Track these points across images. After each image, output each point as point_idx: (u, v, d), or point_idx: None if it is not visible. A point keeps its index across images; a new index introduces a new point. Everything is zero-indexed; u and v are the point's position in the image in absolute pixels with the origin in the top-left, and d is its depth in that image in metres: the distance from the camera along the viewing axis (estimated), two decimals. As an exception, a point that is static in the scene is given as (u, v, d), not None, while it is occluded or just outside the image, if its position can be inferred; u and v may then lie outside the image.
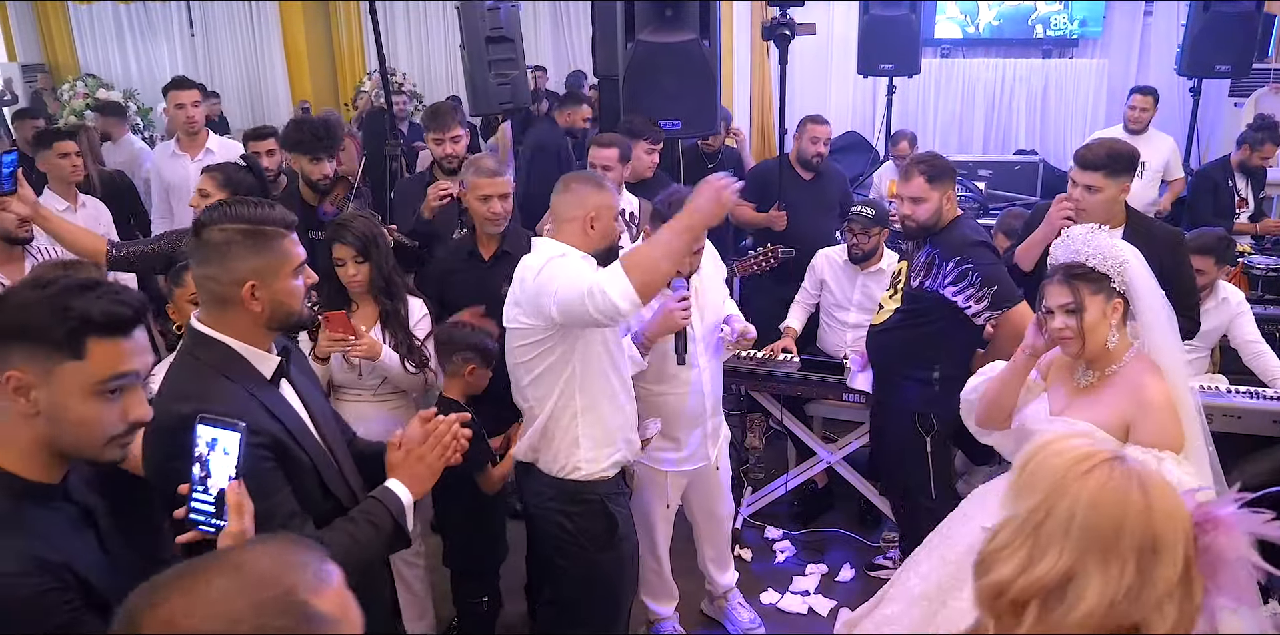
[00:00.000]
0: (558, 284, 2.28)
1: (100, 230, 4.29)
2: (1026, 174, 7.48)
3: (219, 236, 1.70)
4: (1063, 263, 2.33)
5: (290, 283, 1.75)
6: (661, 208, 2.71)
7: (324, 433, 1.89)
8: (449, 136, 3.84)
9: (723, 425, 3.11)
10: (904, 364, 3.23)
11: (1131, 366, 2.29)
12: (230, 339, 1.74)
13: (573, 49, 10.21)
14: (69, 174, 4.22)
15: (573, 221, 2.48)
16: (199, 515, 1.51)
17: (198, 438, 1.51)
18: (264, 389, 1.75)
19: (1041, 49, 8.62)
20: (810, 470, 4.05)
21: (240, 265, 1.69)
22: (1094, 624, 1.09)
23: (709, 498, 3.12)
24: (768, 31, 4.34)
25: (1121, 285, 2.27)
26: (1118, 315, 2.27)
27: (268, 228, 1.72)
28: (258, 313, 1.72)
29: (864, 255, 4.00)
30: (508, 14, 5.59)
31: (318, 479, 1.80)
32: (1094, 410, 2.29)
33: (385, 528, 1.78)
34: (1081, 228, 2.35)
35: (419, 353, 2.91)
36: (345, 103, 11.02)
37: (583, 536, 2.53)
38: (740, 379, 3.81)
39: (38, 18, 12.41)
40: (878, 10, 6.97)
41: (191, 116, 4.59)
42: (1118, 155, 3.00)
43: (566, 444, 2.50)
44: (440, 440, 1.84)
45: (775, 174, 4.76)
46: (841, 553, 3.91)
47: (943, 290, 3.06)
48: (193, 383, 1.70)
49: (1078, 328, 2.26)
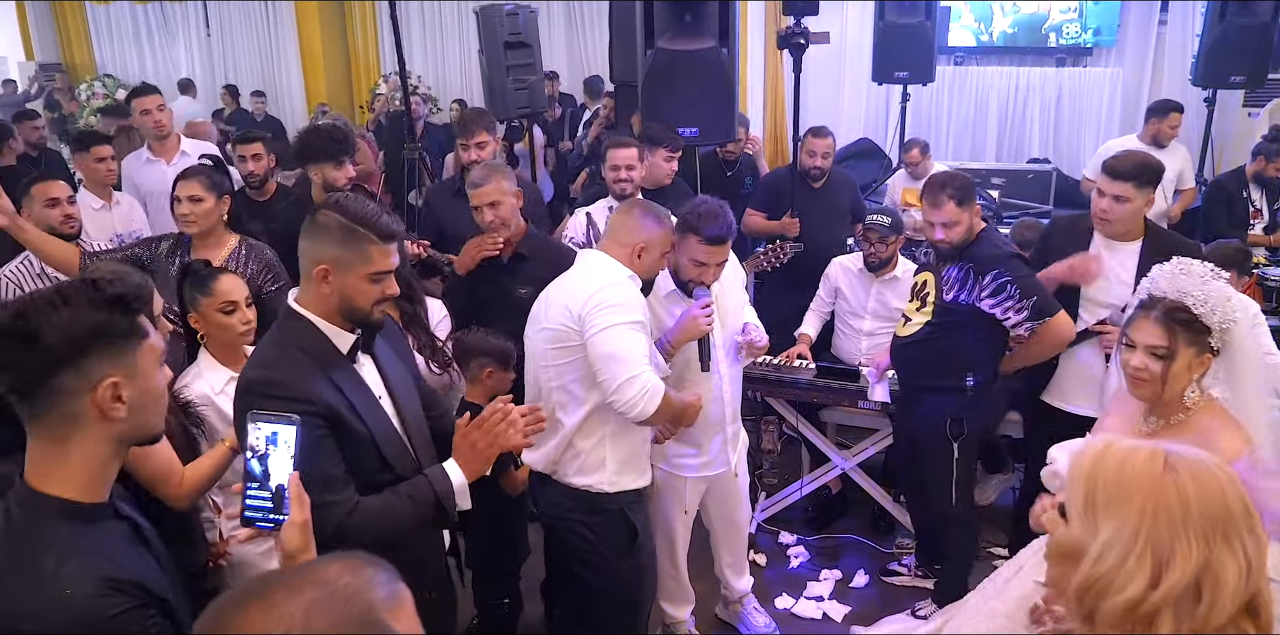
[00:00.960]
0: (617, 337, 2.39)
1: (134, 227, 4.38)
2: (1040, 183, 7.48)
3: (323, 219, 1.87)
4: (1166, 299, 2.10)
5: (362, 284, 1.87)
6: (689, 218, 2.74)
7: (401, 409, 2.02)
8: (474, 142, 3.87)
9: (742, 431, 3.14)
10: (934, 374, 3.26)
11: (1203, 417, 2.10)
12: (312, 315, 1.90)
13: (588, 52, 10.24)
14: (104, 177, 4.31)
15: (624, 246, 2.55)
16: (255, 512, 1.55)
17: (250, 433, 1.54)
18: (335, 363, 1.89)
19: (1055, 57, 8.62)
20: (825, 476, 4.08)
21: (323, 249, 1.86)
22: (1236, 607, 1.08)
23: (727, 504, 3.15)
24: (783, 40, 4.36)
25: (1219, 343, 2.09)
26: (1202, 370, 2.10)
27: (361, 229, 1.85)
28: (327, 295, 1.87)
29: (880, 263, 4.02)
30: (526, 19, 5.63)
31: (375, 451, 1.90)
32: None
33: (424, 503, 1.88)
34: (1200, 266, 2.13)
35: (441, 353, 2.96)
36: (360, 105, 11.07)
37: (604, 545, 2.56)
38: (756, 385, 3.83)
39: (55, 17, 12.50)
40: (893, 18, 6.99)
41: (159, 121, 4.64)
42: (1146, 167, 3.05)
43: (592, 463, 2.53)
44: (493, 429, 1.91)
45: (786, 182, 4.78)
46: (855, 559, 3.93)
47: (979, 303, 3.09)
48: (270, 353, 1.90)
49: (1160, 374, 2.08)
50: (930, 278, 3.30)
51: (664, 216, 2.62)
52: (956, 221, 3.11)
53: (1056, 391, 3.25)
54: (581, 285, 2.48)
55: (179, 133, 4.88)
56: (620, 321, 2.39)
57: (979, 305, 3.10)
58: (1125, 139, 5.78)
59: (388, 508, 1.85)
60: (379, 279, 1.88)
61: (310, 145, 3.72)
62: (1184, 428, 2.10)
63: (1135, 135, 5.68)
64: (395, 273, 2.85)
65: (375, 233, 1.85)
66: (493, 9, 5.54)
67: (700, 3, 4.31)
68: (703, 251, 2.69)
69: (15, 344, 1.29)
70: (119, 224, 4.32)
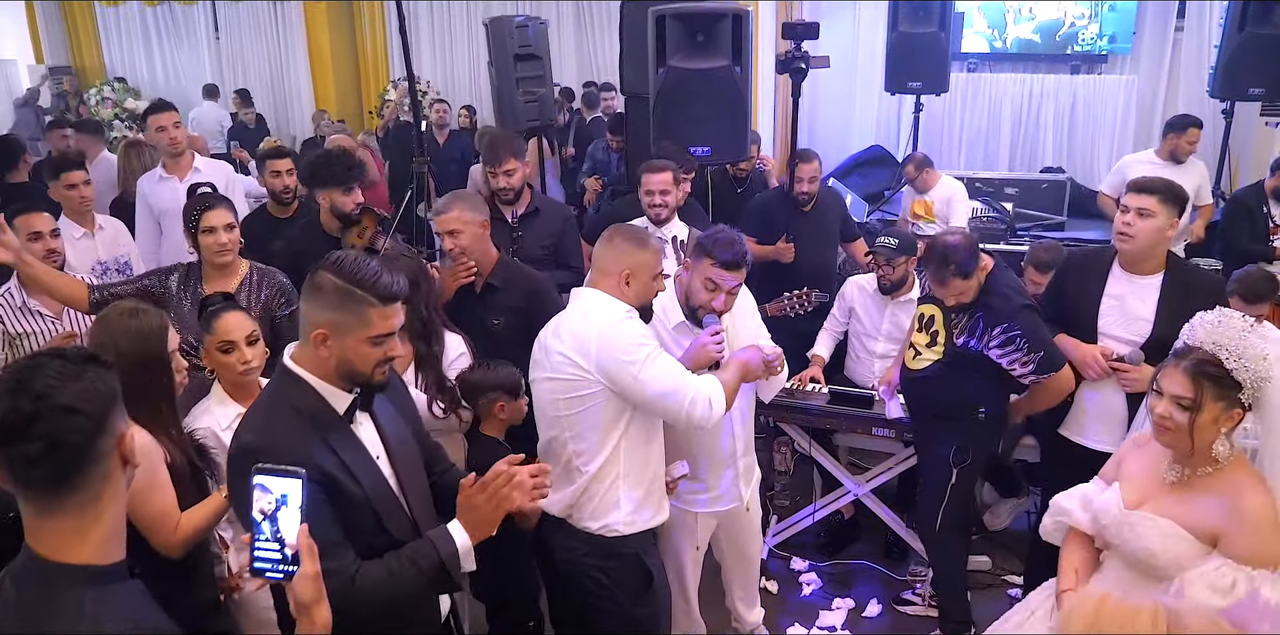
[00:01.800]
0: (653, 374, 2.38)
1: (120, 250, 4.28)
2: (1054, 192, 7.41)
3: (320, 280, 1.81)
4: (1198, 349, 2.06)
5: (362, 347, 1.82)
6: (705, 242, 2.70)
7: (399, 470, 1.95)
8: (502, 170, 3.80)
9: (754, 465, 3.09)
10: (945, 408, 3.26)
11: (1231, 472, 2.06)
12: (308, 375, 1.85)
13: (597, 60, 10.20)
14: (78, 204, 4.13)
15: (609, 277, 2.49)
16: (264, 563, 1.53)
17: (256, 487, 1.52)
18: (331, 424, 1.84)
19: (1070, 64, 8.55)
20: (838, 502, 4.03)
21: (320, 313, 1.81)
22: None
23: (739, 539, 3.11)
24: (782, 65, 4.28)
25: (1250, 400, 2.03)
26: (1231, 425, 2.05)
27: (359, 291, 1.78)
28: (325, 358, 1.82)
29: (893, 285, 3.97)
30: (536, 31, 5.59)
31: (372, 514, 1.84)
32: (1180, 509, 2.07)
33: (428, 568, 1.81)
34: (1238, 319, 2.08)
35: (450, 393, 2.89)
36: (370, 109, 11.05)
37: (619, 590, 2.52)
38: (768, 410, 3.78)
39: (65, 20, 12.50)
40: (906, 27, 6.93)
41: (174, 138, 4.58)
42: (1175, 187, 3.01)
43: (606, 505, 2.49)
44: (498, 492, 1.85)
45: (775, 206, 4.71)
46: (868, 586, 3.89)
47: (988, 352, 3.10)
48: (263, 415, 1.85)
49: (1185, 425, 2.04)
50: (938, 313, 3.26)
51: (645, 238, 2.57)
52: (964, 291, 3.15)
53: (1074, 426, 3.21)
54: (582, 330, 2.42)
55: (193, 151, 4.83)
56: (641, 358, 2.37)
57: (987, 353, 3.11)
58: (1143, 154, 5.71)
59: (391, 574, 1.79)
60: (380, 342, 1.82)
61: (319, 170, 3.68)
62: (1209, 482, 2.07)
63: (1154, 150, 5.60)
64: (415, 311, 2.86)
65: (375, 295, 1.79)
66: (502, 21, 5.50)
67: (713, 22, 4.26)
68: (716, 275, 2.67)
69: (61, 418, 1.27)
70: (103, 250, 4.20)
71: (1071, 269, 3.29)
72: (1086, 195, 7.72)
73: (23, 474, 1.27)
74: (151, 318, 2.24)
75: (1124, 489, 2.21)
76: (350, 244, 3.66)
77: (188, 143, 4.81)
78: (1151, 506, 2.13)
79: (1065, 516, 2.35)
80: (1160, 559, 2.04)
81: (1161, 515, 2.08)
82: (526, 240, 3.84)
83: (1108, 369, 3.05)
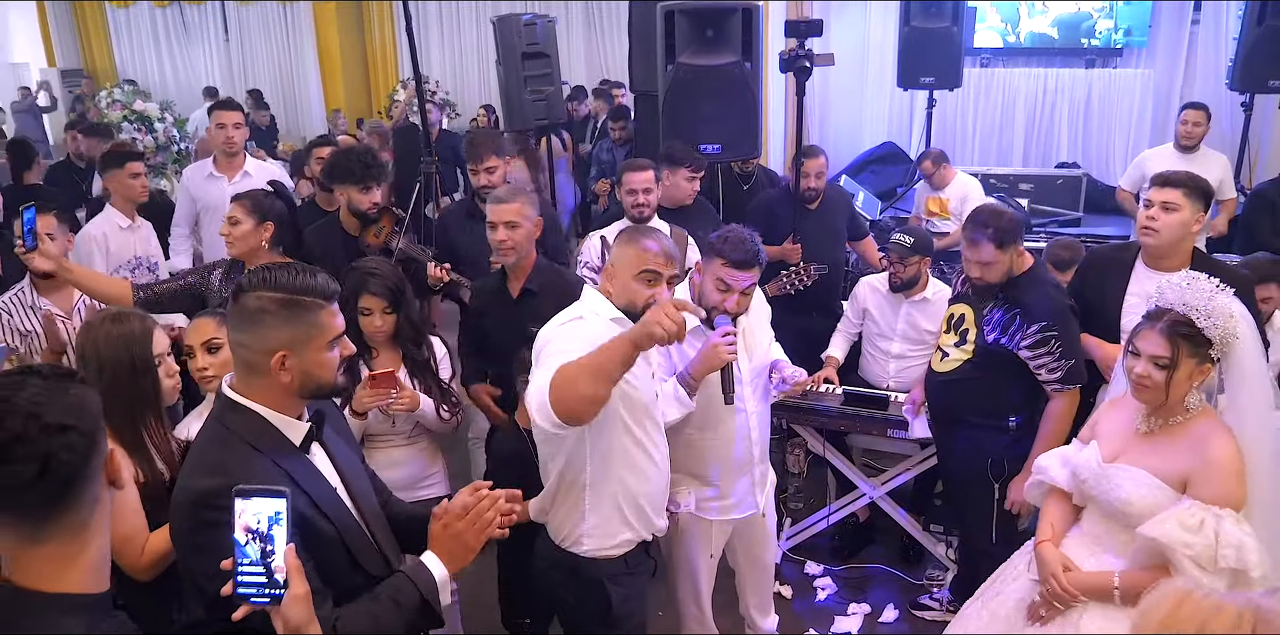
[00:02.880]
0: (540, 366, 2.14)
1: (151, 250, 4.32)
2: (1070, 188, 7.30)
3: (254, 303, 1.65)
4: (1172, 311, 2.18)
5: (323, 355, 1.70)
6: (716, 242, 2.64)
7: (357, 499, 1.83)
8: (483, 168, 3.79)
9: (769, 471, 3.03)
10: (974, 413, 3.17)
11: (1199, 420, 2.21)
12: (259, 406, 1.69)
13: (607, 58, 10.15)
14: (137, 194, 4.20)
15: (606, 276, 2.44)
16: (249, 588, 1.47)
17: (238, 511, 1.47)
18: (292, 457, 1.70)
19: (1085, 58, 8.44)
20: (853, 505, 3.97)
21: (272, 334, 1.65)
22: None
23: (754, 546, 3.04)
24: (785, 64, 4.19)
25: (1219, 355, 2.17)
26: (1202, 379, 2.20)
27: (305, 298, 1.67)
28: (286, 383, 1.68)
29: (903, 284, 3.89)
30: (544, 29, 5.53)
31: (345, 552, 1.72)
32: (1153, 459, 2.22)
33: (410, 606, 1.69)
34: (1204, 280, 2.20)
35: (450, 396, 2.88)
36: (379, 110, 11.03)
37: (581, 609, 2.44)
38: (782, 412, 3.72)
39: (76, 22, 12.53)
40: (919, 22, 6.85)
41: (231, 137, 4.57)
42: (1199, 180, 2.95)
43: (572, 516, 2.37)
44: (481, 517, 1.73)
45: (779, 205, 4.62)
46: (884, 591, 3.83)
47: (1018, 350, 3.01)
48: (216, 454, 1.66)
49: (1162, 382, 2.17)
50: (969, 312, 3.18)
51: (637, 237, 2.41)
52: (993, 263, 3.03)
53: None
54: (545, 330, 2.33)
55: (247, 152, 4.81)
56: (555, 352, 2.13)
57: (1017, 352, 3.02)
58: (1162, 149, 5.63)
59: (373, 618, 1.65)
60: (335, 343, 1.72)
61: (339, 166, 3.64)
62: (1180, 430, 2.22)
63: (1171, 144, 5.52)
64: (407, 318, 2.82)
65: (320, 296, 1.68)
66: (510, 19, 5.44)
67: (723, 17, 4.20)
68: (727, 274, 2.61)
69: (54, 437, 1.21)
70: (139, 247, 4.24)
71: (1092, 266, 3.21)
72: (1102, 191, 7.62)
73: (13, 499, 1.20)
74: (134, 322, 2.21)
75: (1101, 445, 2.34)
76: (367, 243, 3.63)
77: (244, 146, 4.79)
78: (1126, 459, 2.26)
79: (1044, 475, 2.47)
80: (1135, 507, 2.19)
81: (1135, 466, 2.22)
82: None
83: (1154, 219, 2.94)
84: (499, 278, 3.20)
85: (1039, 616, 2.32)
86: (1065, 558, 2.32)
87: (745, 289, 2.66)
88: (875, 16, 8.74)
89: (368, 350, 2.87)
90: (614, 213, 4.28)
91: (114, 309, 2.28)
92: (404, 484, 2.82)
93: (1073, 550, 2.35)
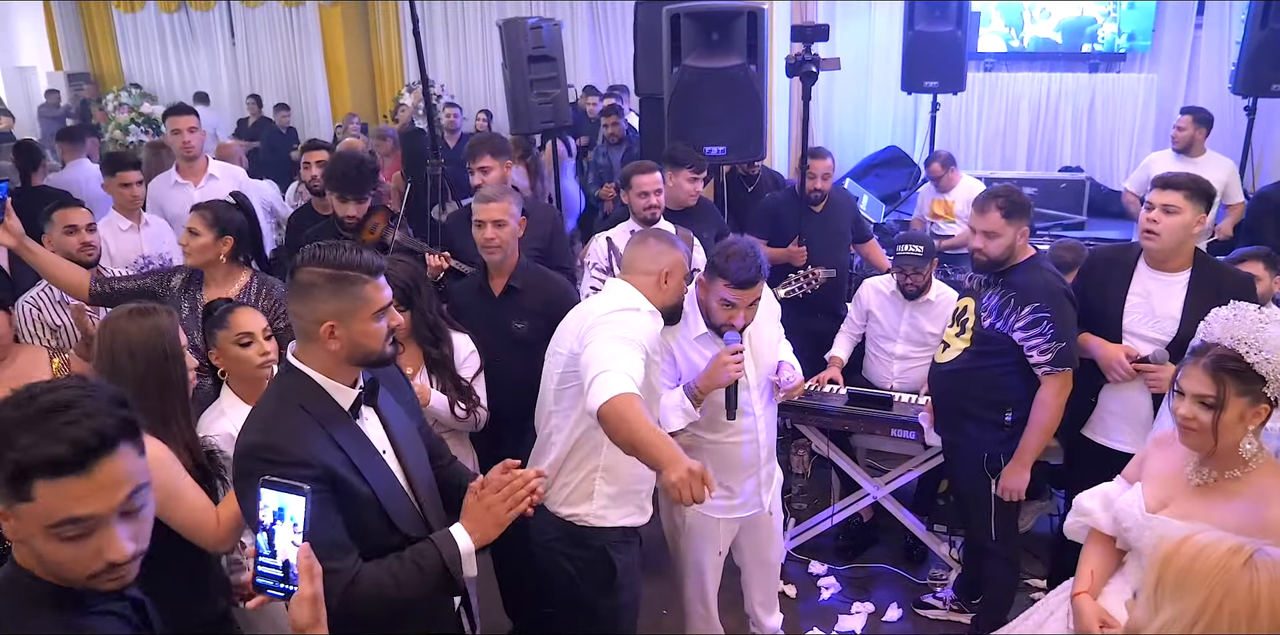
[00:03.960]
0: (599, 344, 2.26)
1: (164, 249, 4.35)
2: (1073, 192, 7.34)
3: (306, 278, 1.81)
4: (1216, 345, 2.00)
5: (370, 325, 1.82)
6: (718, 261, 2.64)
7: (406, 464, 1.94)
8: (478, 167, 3.85)
9: (776, 471, 3.05)
10: (972, 404, 3.18)
11: (1260, 477, 1.98)
12: (314, 371, 1.84)
13: (612, 62, 10.18)
14: (129, 202, 4.26)
15: (649, 275, 2.53)
16: (266, 579, 1.50)
17: (262, 502, 1.49)
18: (338, 421, 1.83)
19: (1088, 63, 8.46)
20: (857, 505, 3.98)
21: (321, 306, 1.80)
22: None
23: (760, 544, 3.06)
24: (792, 68, 4.22)
25: (1275, 394, 1.96)
26: (1258, 422, 1.98)
27: (350, 273, 1.80)
28: (335, 350, 1.81)
29: (918, 291, 3.92)
30: (550, 33, 5.56)
31: (380, 512, 1.83)
32: (1203, 514, 1.97)
33: (431, 571, 1.80)
34: (1253, 311, 2.02)
35: (469, 393, 2.88)
36: (384, 114, 11.07)
37: (584, 580, 2.52)
38: (786, 412, 3.74)
39: (83, 26, 12.59)
40: (923, 26, 6.87)
41: (188, 142, 4.59)
42: (1200, 182, 2.96)
43: (579, 495, 2.49)
44: (514, 493, 1.83)
45: (785, 207, 4.66)
46: (888, 590, 3.84)
47: (1011, 333, 3.02)
48: (269, 414, 1.83)
49: (1210, 424, 1.96)
50: (972, 304, 3.21)
51: (675, 240, 2.62)
52: (998, 234, 3.03)
53: (1099, 427, 3.15)
54: (595, 308, 2.45)
55: (208, 155, 4.84)
56: (615, 335, 2.28)
57: (1011, 334, 3.02)
58: (1162, 154, 5.69)
59: (392, 576, 1.78)
60: (382, 315, 1.85)
61: (332, 172, 3.69)
62: (1236, 486, 2.00)
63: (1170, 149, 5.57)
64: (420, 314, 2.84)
65: (364, 271, 1.82)
66: (516, 23, 5.47)
67: (728, 20, 4.23)
68: (732, 294, 2.63)
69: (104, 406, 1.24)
70: (147, 246, 4.28)
71: (1095, 267, 3.23)
72: (1106, 195, 7.65)
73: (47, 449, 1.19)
74: (162, 314, 2.26)
75: (1146, 490, 2.15)
76: (362, 240, 3.66)
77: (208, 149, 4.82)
78: (1174, 509, 2.06)
79: (1086, 517, 2.31)
80: None
81: (1184, 519, 2.00)
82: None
83: (1133, 371, 2.98)
84: (479, 276, 3.25)
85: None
86: (1103, 612, 2.13)
87: (752, 303, 2.69)
88: (879, 20, 8.77)
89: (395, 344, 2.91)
90: (618, 215, 4.30)
91: (134, 305, 2.30)
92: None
93: (1112, 601, 2.17)
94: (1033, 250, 3.15)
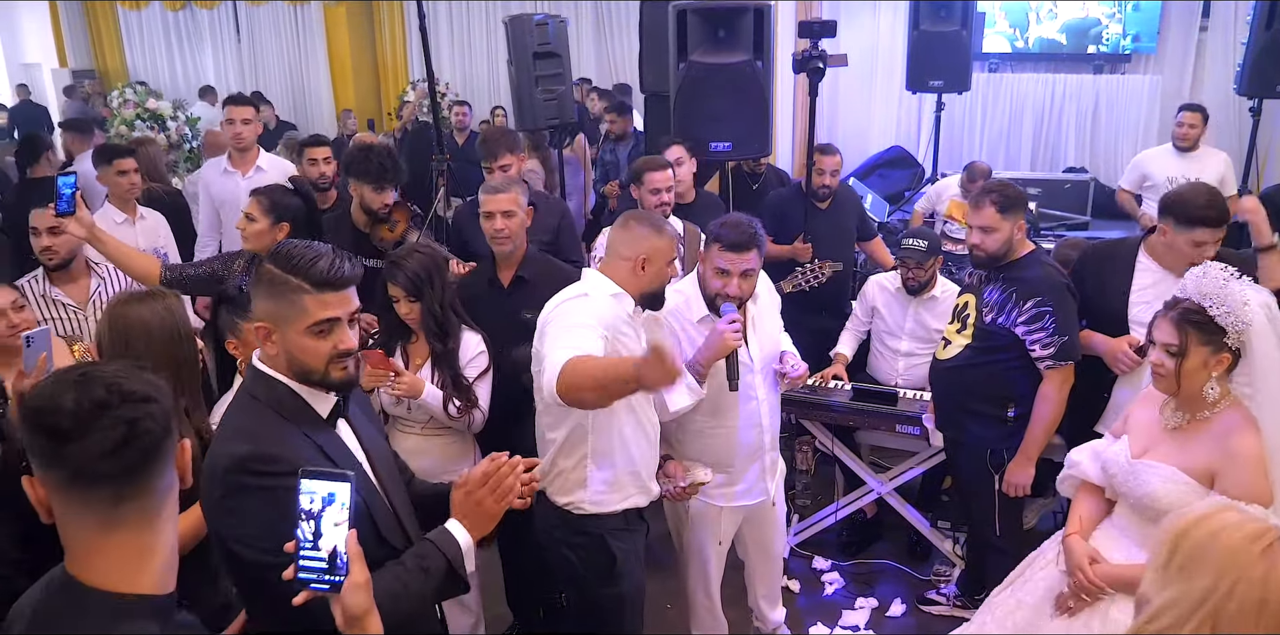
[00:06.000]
0: (547, 339, 2.33)
1: (160, 242, 4.37)
2: (1077, 193, 7.32)
3: (261, 271, 1.72)
4: (1186, 301, 2.21)
5: (304, 340, 1.68)
6: (714, 228, 2.67)
7: (381, 476, 1.85)
8: (498, 165, 3.83)
9: (780, 459, 3.05)
10: (974, 400, 3.19)
11: (1226, 415, 2.21)
12: (282, 376, 1.72)
13: (617, 60, 10.18)
14: (126, 191, 4.28)
15: (625, 260, 2.49)
16: (310, 573, 1.44)
17: (303, 493, 1.43)
18: (319, 430, 1.73)
19: (1093, 64, 8.46)
20: (860, 501, 3.99)
21: (259, 304, 1.72)
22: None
23: (764, 534, 3.07)
24: (799, 65, 4.21)
25: (1236, 343, 2.17)
26: (1221, 368, 2.19)
27: (293, 280, 1.66)
28: (274, 356, 1.71)
29: (920, 286, 3.92)
30: (555, 29, 5.57)
31: (371, 525, 1.74)
32: (1180, 455, 2.22)
33: (438, 572, 1.71)
34: (1221, 269, 2.21)
35: (467, 393, 2.85)
36: (389, 111, 11.07)
37: (585, 569, 2.54)
38: (791, 407, 3.74)
39: (88, 23, 12.59)
40: (928, 25, 6.87)
41: (240, 133, 4.61)
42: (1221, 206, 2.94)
43: (573, 482, 2.51)
44: (501, 483, 1.74)
45: (791, 204, 4.65)
46: (891, 586, 3.84)
47: (1014, 327, 3.02)
48: (248, 422, 1.69)
49: (1174, 370, 2.20)
50: (972, 300, 3.22)
51: (661, 224, 2.56)
52: (994, 229, 3.06)
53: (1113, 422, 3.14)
54: (549, 304, 2.50)
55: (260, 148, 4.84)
56: (562, 326, 2.33)
57: (1013, 329, 3.04)
58: (1160, 149, 5.70)
59: (402, 586, 1.67)
60: (322, 331, 1.68)
61: (359, 162, 3.65)
62: (1205, 425, 2.22)
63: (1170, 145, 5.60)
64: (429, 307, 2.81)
65: (308, 281, 1.65)
66: (522, 19, 5.48)
67: (734, 17, 4.23)
68: (724, 258, 2.63)
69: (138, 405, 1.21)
70: (142, 239, 4.29)
71: (1090, 262, 3.24)
72: (1110, 195, 7.62)
73: (96, 470, 1.17)
74: (168, 297, 2.27)
75: (1131, 439, 2.35)
76: (381, 238, 3.65)
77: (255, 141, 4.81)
78: (1154, 454, 2.27)
79: (1075, 469, 2.49)
80: (1162, 502, 2.19)
81: (1163, 461, 2.23)
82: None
83: (1138, 359, 2.99)
84: (488, 267, 3.25)
85: (1066, 608, 2.32)
86: (1093, 550, 2.32)
87: (745, 272, 2.67)
88: (885, 19, 8.78)
89: (410, 334, 2.93)
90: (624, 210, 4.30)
91: (136, 290, 2.31)
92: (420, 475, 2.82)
93: (1102, 543, 2.35)
94: (1031, 245, 3.16)
